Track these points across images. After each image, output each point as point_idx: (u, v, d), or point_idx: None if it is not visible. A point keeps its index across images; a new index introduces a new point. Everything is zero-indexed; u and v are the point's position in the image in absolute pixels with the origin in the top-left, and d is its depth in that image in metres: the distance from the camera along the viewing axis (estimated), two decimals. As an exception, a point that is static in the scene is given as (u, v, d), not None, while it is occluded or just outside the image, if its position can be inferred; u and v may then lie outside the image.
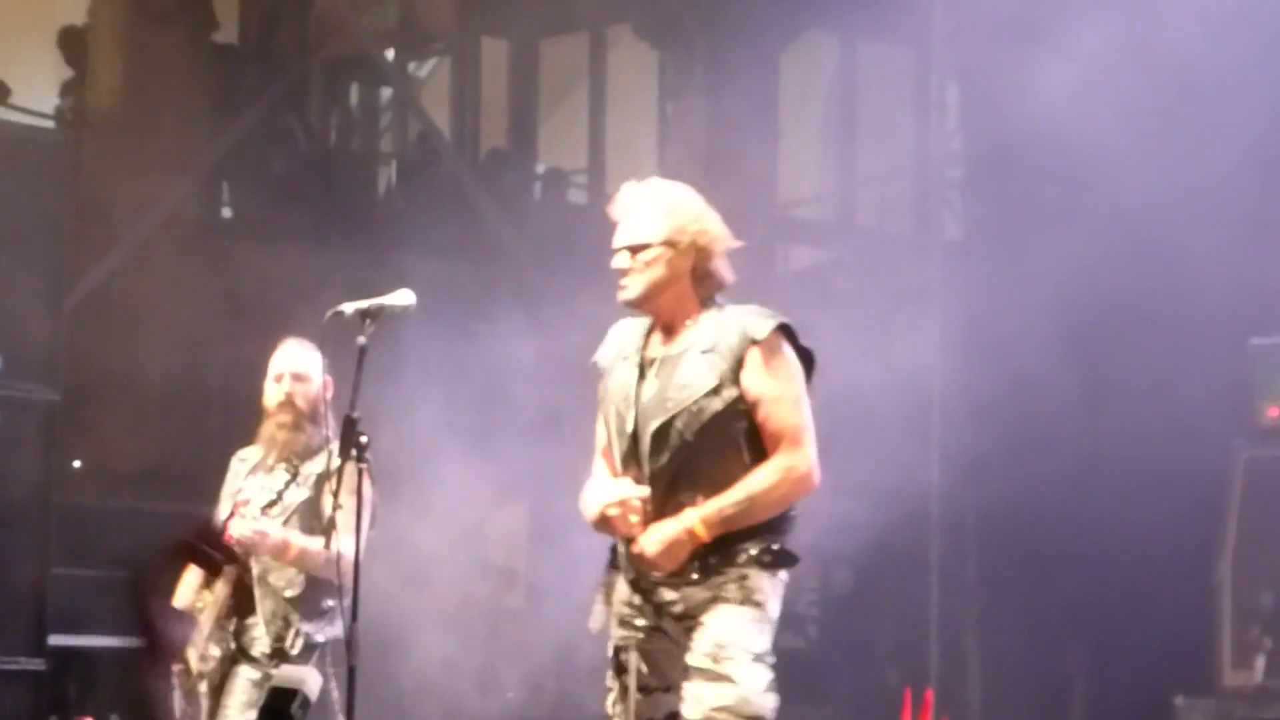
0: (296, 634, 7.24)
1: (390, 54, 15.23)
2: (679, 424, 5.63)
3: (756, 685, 5.55)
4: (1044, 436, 10.68)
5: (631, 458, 5.75)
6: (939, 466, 11.78)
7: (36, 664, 9.02)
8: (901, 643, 12.43)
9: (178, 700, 7.41)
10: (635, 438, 5.73)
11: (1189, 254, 10.18)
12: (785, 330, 5.67)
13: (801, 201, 14.99)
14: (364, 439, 6.47)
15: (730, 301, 5.77)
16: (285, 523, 7.27)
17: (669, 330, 5.78)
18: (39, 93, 13.30)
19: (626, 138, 14.77)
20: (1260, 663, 9.93)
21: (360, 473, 6.61)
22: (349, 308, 6.48)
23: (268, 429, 7.52)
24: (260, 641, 7.30)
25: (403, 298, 6.52)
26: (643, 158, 14.43)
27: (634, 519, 5.68)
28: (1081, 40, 10.10)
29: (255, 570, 7.30)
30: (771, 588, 5.64)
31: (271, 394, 7.51)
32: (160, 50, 12.55)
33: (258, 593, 7.30)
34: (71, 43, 13.14)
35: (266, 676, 7.27)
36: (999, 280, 10.67)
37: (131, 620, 7.00)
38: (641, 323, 5.87)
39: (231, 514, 7.40)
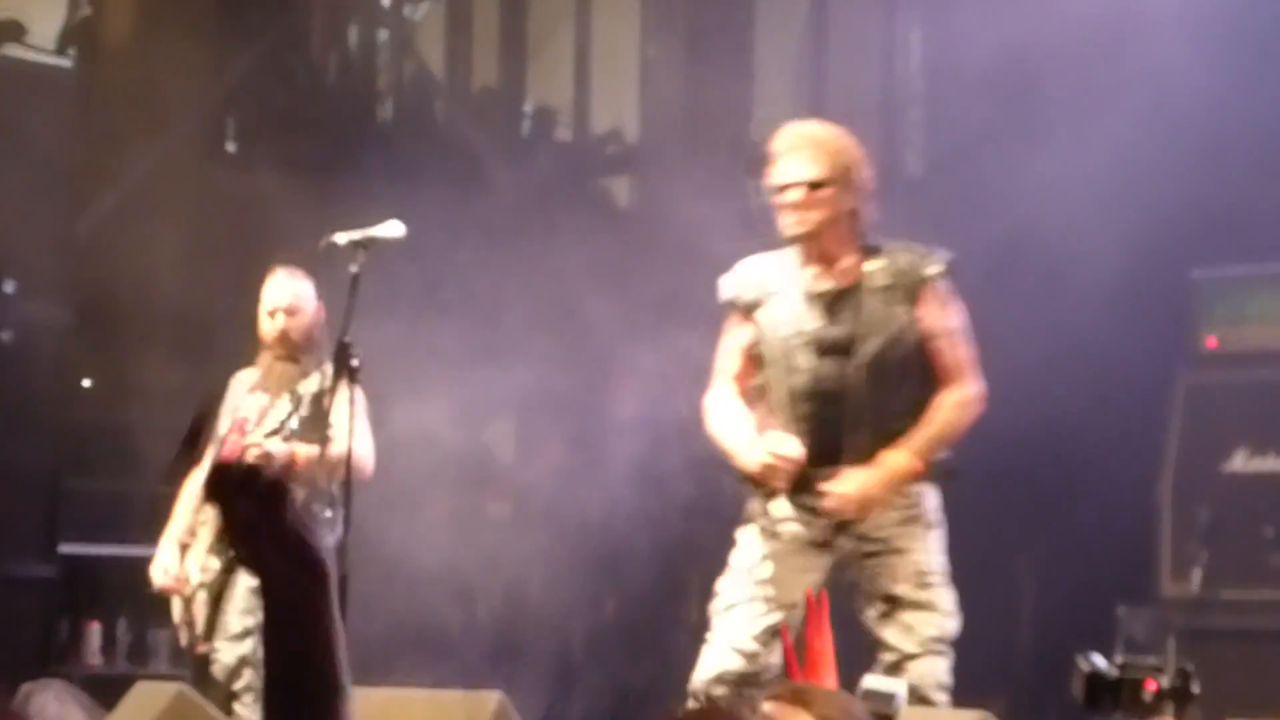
0: (295, 544, 7.12)
1: (387, -3, 15.08)
2: (888, 353, 5.60)
3: (950, 607, 5.61)
4: (997, 363, 10.53)
5: (803, 392, 5.60)
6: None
7: (48, 571, 8.97)
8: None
9: (177, 608, 7.33)
10: (813, 369, 5.61)
11: (1136, 191, 10.05)
12: (950, 267, 5.73)
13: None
14: (356, 362, 6.40)
15: (879, 239, 5.71)
16: (287, 441, 7.11)
17: (827, 263, 5.66)
18: (52, 31, 13.09)
19: (610, 79, 14.59)
20: (1197, 574, 9.84)
21: (352, 390, 6.56)
22: (342, 238, 6.38)
23: (265, 360, 7.39)
24: (259, 550, 7.18)
25: (393, 229, 6.42)
26: (625, 98, 14.29)
27: (779, 480, 5.55)
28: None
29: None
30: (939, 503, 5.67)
31: (266, 327, 7.35)
32: (169, -9, 12.43)
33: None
34: (91, -18, 12.96)
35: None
36: (955, 215, 10.52)
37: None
38: (780, 256, 5.74)
39: (230, 430, 7.31)
